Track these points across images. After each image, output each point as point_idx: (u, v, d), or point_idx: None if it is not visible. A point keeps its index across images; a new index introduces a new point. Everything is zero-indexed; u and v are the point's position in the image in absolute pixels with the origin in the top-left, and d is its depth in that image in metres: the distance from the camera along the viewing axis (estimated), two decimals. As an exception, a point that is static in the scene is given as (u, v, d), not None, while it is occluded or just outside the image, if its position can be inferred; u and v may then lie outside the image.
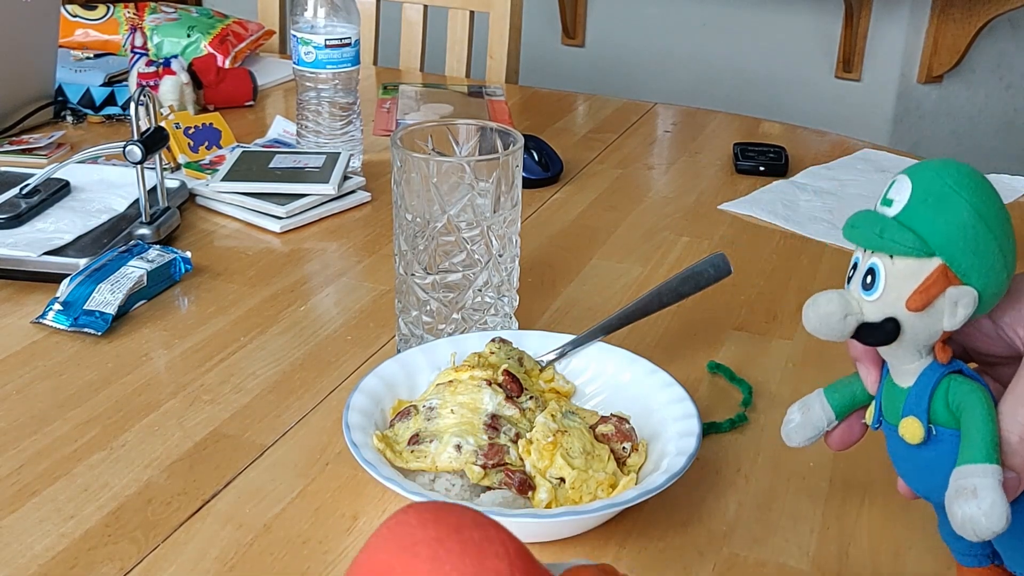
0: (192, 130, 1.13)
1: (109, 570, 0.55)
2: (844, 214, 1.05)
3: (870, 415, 0.51)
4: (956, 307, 0.44)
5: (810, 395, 0.54)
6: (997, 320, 0.48)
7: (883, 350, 0.47)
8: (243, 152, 1.08)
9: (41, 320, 0.79)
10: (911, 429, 0.46)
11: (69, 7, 1.51)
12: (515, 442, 0.59)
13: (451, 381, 0.63)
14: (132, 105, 0.91)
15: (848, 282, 0.47)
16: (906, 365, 0.47)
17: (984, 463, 0.42)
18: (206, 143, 1.13)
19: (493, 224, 0.70)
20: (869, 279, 0.45)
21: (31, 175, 0.98)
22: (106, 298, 0.79)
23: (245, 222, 1.00)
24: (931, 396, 0.46)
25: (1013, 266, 0.45)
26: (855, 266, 0.47)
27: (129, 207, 0.96)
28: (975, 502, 0.42)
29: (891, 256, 0.44)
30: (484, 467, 0.57)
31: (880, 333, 0.45)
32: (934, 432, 0.46)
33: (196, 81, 1.30)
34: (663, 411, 0.63)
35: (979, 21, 2.35)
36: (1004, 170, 1.19)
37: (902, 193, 0.45)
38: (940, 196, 0.44)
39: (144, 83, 1.23)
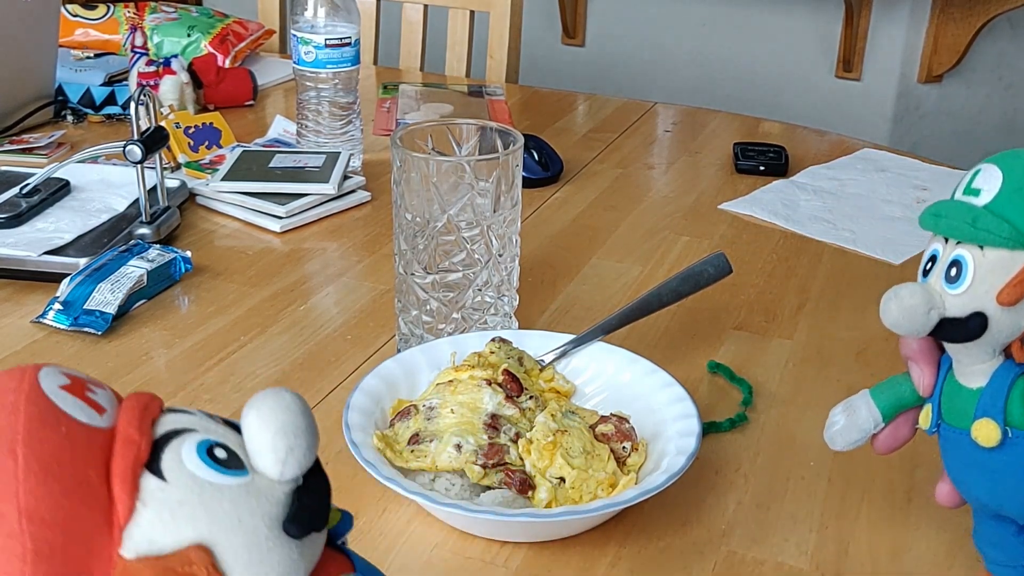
0: (192, 130, 1.13)
1: (109, 569, 0.55)
2: (844, 214, 1.05)
3: (926, 419, 0.48)
4: None
5: (854, 397, 0.52)
6: None
7: (953, 348, 0.45)
8: (243, 152, 1.08)
9: (41, 320, 0.79)
10: (986, 431, 0.44)
11: (69, 7, 1.51)
12: (515, 442, 0.59)
13: (451, 381, 0.63)
14: (132, 105, 0.91)
15: (924, 275, 0.45)
16: (977, 364, 0.45)
17: None
18: (206, 143, 1.13)
19: (493, 224, 0.70)
20: (954, 272, 0.43)
21: (31, 175, 0.98)
22: (106, 298, 0.79)
23: (245, 222, 1.00)
24: (1008, 397, 0.44)
25: None
26: (933, 259, 0.45)
27: (129, 207, 0.96)
28: None
29: (981, 247, 0.42)
30: (484, 467, 0.57)
31: (965, 329, 0.43)
32: (1010, 434, 0.44)
33: (196, 81, 1.30)
34: (663, 411, 0.63)
35: (979, 21, 2.35)
36: (1004, 170, 1.19)
37: (992, 182, 0.43)
38: None
39: (144, 83, 1.23)
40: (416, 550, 0.57)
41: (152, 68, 1.25)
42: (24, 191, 0.95)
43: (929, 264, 0.45)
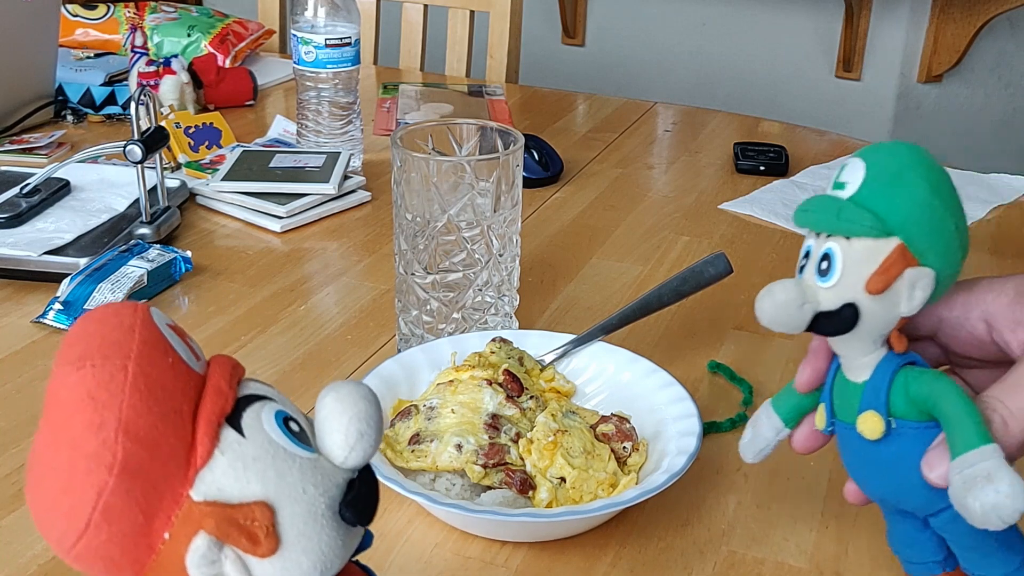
0: (192, 129, 1.13)
1: (110, 569, 0.55)
2: (844, 214, 1.05)
3: (820, 419, 0.49)
4: (914, 289, 0.43)
5: (759, 409, 0.53)
6: (992, 323, 0.47)
7: (836, 343, 0.46)
8: (243, 152, 1.08)
9: (41, 319, 0.79)
10: (870, 424, 0.44)
11: (69, 6, 1.51)
12: (516, 442, 0.59)
13: (451, 381, 0.63)
14: (132, 104, 0.91)
15: (800, 272, 0.45)
16: (861, 358, 0.45)
17: (985, 444, 0.40)
18: (206, 142, 1.13)
19: (493, 224, 0.70)
20: (825, 265, 0.44)
21: (31, 174, 0.98)
22: (106, 297, 0.79)
23: (245, 221, 1.00)
24: (889, 388, 0.44)
25: (967, 248, 0.44)
26: (807, 255, 0.45)
27: (129, 207, 0.96)
28: (993, 487, 0.39)
29: (848, 238, 0.43)
30: (485, 467, 0.57)
31: (838, 320, 0.43)
32: (894, 425, 0.44)
33: (196, 80, 1.30)
34: (663, 411, 0.63)
35: (979, 21, 2.35)
36: (1004, 170, 1.19)
37: (855, 174, 0.44)
38: (895, 174, 0.43)
39: (144, 82, 1.23)
40: (416, 550, 0.57)
41: (152, 68, 1.25)
42: (24, 191, 0.95)
43: (804, 260, 0.46)
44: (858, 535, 0.59)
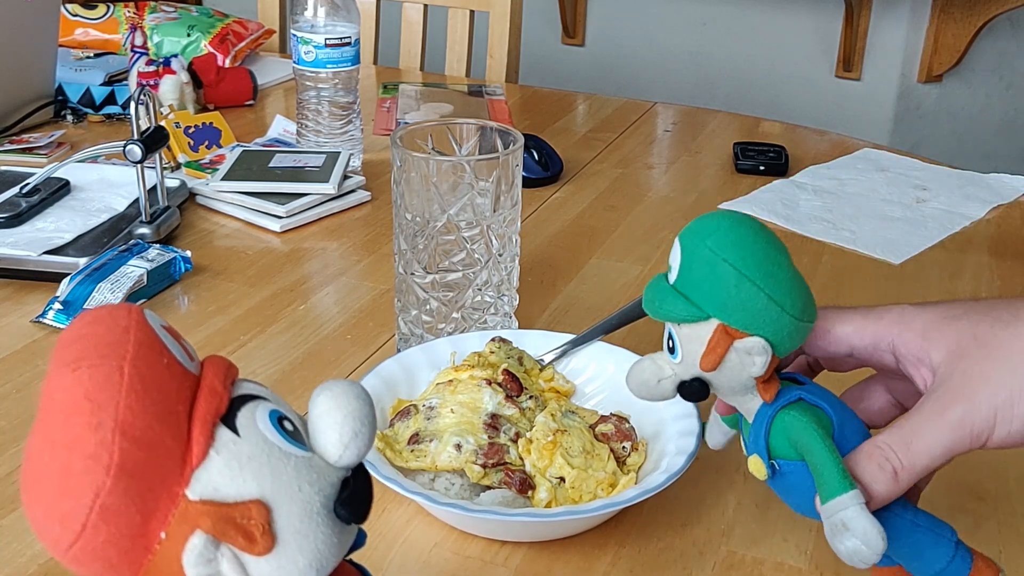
0: (192, 129, 1.13)
1: (109, 569, 0.55)
2: (844, 214, 1.05)
3: (761, 471, 0.50)
4: (751, 356, 0.45)
5: (712, 414, 0.55)
6: (899, 356, 0.48)
7: (721, 395, 0.48)
8: (243, 151, 1.08)
9: (41, 319, 0.79)
10: (756, 466, 0.47)
11: (69, 6, 1.51)
12: (515, 441, 0.59)
13: (451, 380, 0.63)
14: (132, 104, 0.91)
15: (663, 343, 0.48)
16: (745, 405, 0.48)
17: (841, 495, 0.43)
18: (206, 142, 1.13)
19: (493, 223, 0.70)
20: (671, 343, 0.47)
21: (31, 174, 0.98)
22: (106, 297, 0.79)
23: (245, 221, 1.00)
24: (767, 435, 0.47)
25: (800, 304, 0.45)
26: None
27: (129, 206, 0.96)
28: (849, 534, 0.42)
29: (675, 323, 0.46)
30: (484, 466, 0.57)
31: (693, 391, 0.47)
32: (777, 467, 0.47)
33: (196, 80, 1.30)
34: (663, 410, 0.63)
35: (979, 20, 2.35)
36: (1004, 170, 1.19)
37: (675, 259, 0.46)
38: (703, 260, 0.44)
39: (144, 82, 1.23)
40: (416, 550, 0.57)
41: (152, 68, 1.25)
42: (24, 191, 0.95)
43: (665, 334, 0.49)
44: (858, 535, 0.59)
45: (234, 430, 0.33)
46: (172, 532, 0.31)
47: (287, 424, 0.34)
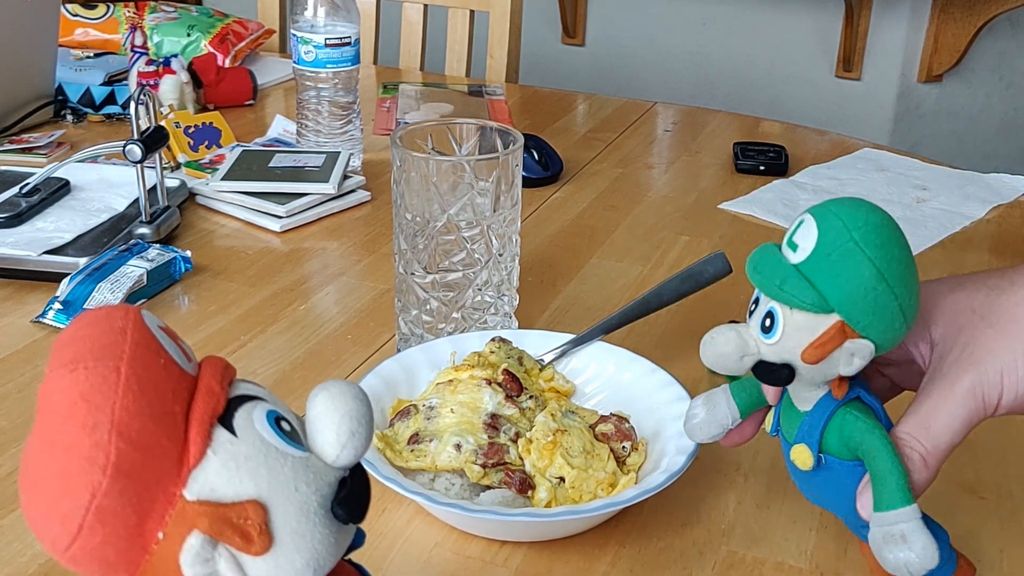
0: (192, 129, 1.13)
1: (109, 569, 0.55)
2: (844, 213, 1.05)
3: (769, 421, 0.51)
4: (852, 358, 0.44)
5: (715, 390, 0.53)
6: None
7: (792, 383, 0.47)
8: (243, 151, 1.08)
9: (41, 319, 0.79)
10: (802, 457, 0.47)
11: (69, 6, 1.51)
12: (515, 441, 0.59)
13: (451, 380, 0.63)
14: (132, 104, 0.91)
15: (749, 316, 0.46)
16: (804, 392, 0.47)
17: (904, 507, 0.43)
18: (206, 142, 1.13)
19: (493, 223, 0.70)
20: (768, 322, 0.45)
21: (31, 174, 0.98)
22: (106, 297, 0.79)
23: (245, 221, 1.00)
24: (824, 428, 0.46)
25: (914, 314, 0.44)
26: (756, 301, 0.46)
27: (129, 206, 0.96)
28: (906, 547, 0.43)
29: (790, 307, 0.44)
30: (484, 466, 0.57)
31: (775, 375, 0.45)
32: (824, 461, 0.47)
33: (196, 80, 1.30)
34: (663, 410, 0.63)
35: (979, 20, 2.35)
36: (1004, 170, 1.19)
37: (808, 240, 0.44)
38: (844, 252, 0.43)
39: (144, 82, 1.23)
40: (416, 550, 0.57)
41: (152, 68, 1.25)
42: (24, 191, 0.95)
43: (753, 307, 0.47)
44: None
45: (231, 430, 0.33)
46: (169, 532, 0.31)
47: (284, 424, 0.34)
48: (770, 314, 0.45)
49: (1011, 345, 0.45)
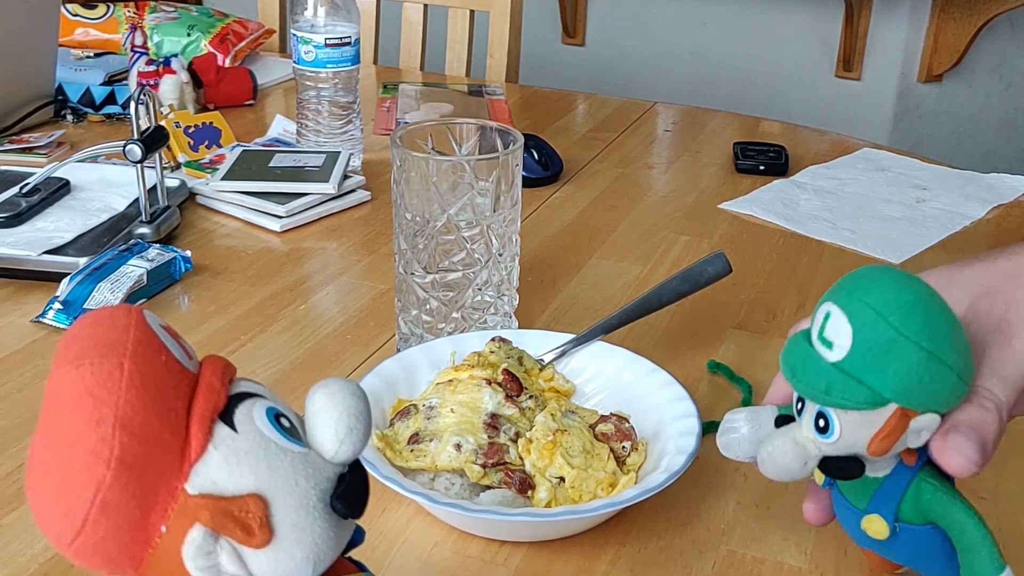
0: (192, 129, 1.13)
1: (109, 569, 0.55)
2: (844, 213, 1.05)
3: (819, 476, 0.48)
4: (920, 433, 0.42)
5: (762, 408, 0.50)
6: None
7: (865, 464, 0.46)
8: (243, 151, 1.08)
9: (41, 319, 0.79)
10: (876, 527, 0.45)
11: (69, 6, 1.51)
12: (515, 441, 0.59)
13: (451, 380, 0.63)
14: (132, 104, 0.91)
15: (798, 415, 0.44)
16: (875, 463, 0.45)
17: (1000, 573, 0.42)
18: (206, 142, 1.13)
19: (493, 223, 0.70)
20: (822, 423, 0.43)
21: (31, 174, 0.98)
22: (106, 297, 0.79)
23: (245, 221, 1.00)
24: (902, 496, 0.45)
25: (971, 373, 0.43)
26: (801, 400, 0.44)
27: (129, 206, 0.96)
28: None
29: (843, 409, 0.42)
30: (484, 466, 0.57)
31: (846, 472, 0.44)
32: (898, 529, 0.45)
33: (196, 80, 1.30)
34: (663, 410, 0.63)
35: (979, 20, 2.35)
36: (1004, 170, 1.19)
37: (842, 337, 0.41)
38: (887, 343, 0.40)
39: (144, 82, 1.23)
40: (416, 549, 0.57)
41: (152, 67, 1.25)
42: (24, 190, 0.95)
43: (799, 403, 0.44)
44: (857, 535, 0.59)
45: (232, 426, 0.33)
46: (172, 526, 0.32)
47: (284, 421, 0.35)
48: (822, 415, 0.42)
49: None
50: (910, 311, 0.40)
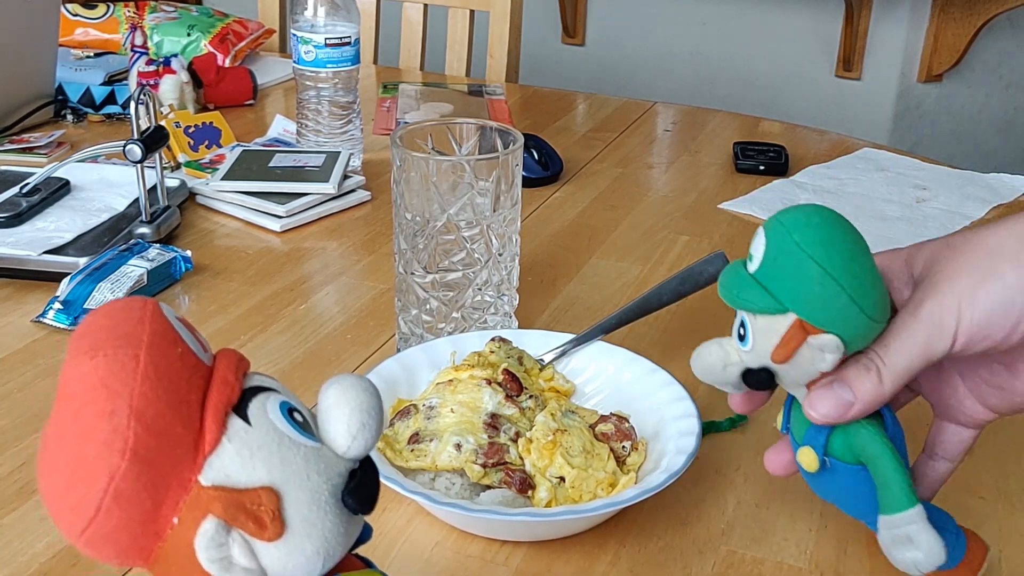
0: (192, 129, 1.13)
1: (110, 568, 0.55)
2: (844, 213, 1.04)
3: (780, 419, 0.52)
4: (822, 353, 0.45)
5: (730, 340, 0.52)
6: (889, 280, 0.50)
7: (784, 385, 0.49)
8: (243, 151, 1.08)
9: (41, 319, 0.79)
10: (807, 459, 0.49)
11: (69, 6, 1.51)
12: (515, 441, 0.59)
13: (451, 380, 0.63)
14: (132, 104, 0.91)
15: (732, 329, 0.49)
16: (803, 399, 0.48)
17: (908, 509, 0.46)
18: (206, 142, 1.13)
19: (493, 223, 0.70)
20: (742, 331, 0.47)
21: (31, 174, 0.98)
22: (106, 297, 0.79)
23: (245, 221, 1.00)
24: (829, 434, 0.48)
25: (878, 305, 0.45)
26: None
27: (129, 206, 0.96)
28: (913, 547, 0.46)
29: (752, 313, 0.46)
30: (484, 466, 0.58)
31: (759, 379, 0.48)
32: (828, 464, 0.49)
33: (196, 80, 1.30)
34: (663, 410, 0.63)
35: (979, 20, 2.35)
36: (1004, 170, 1.19)
37: (758, 249, 0.46)
38: (788, 254, 0.45)
39: (144, 82, 1.23)
40: (416, 549, 0.57)
41: (152, 67, 1.25)
42: (24, 190, 0.95)
43: (736, 319, 0.49)
44: (858, 535, 0.59)
45: (245, 419, 0.34)
46: (184, 518, 0.32)
47: (297, 415, 0.35)
48: (742, 323, 0.47)
49: (971, 272, 0.45)
50: (813, 231, 0.45)
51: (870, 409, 0.47)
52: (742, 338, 0.47)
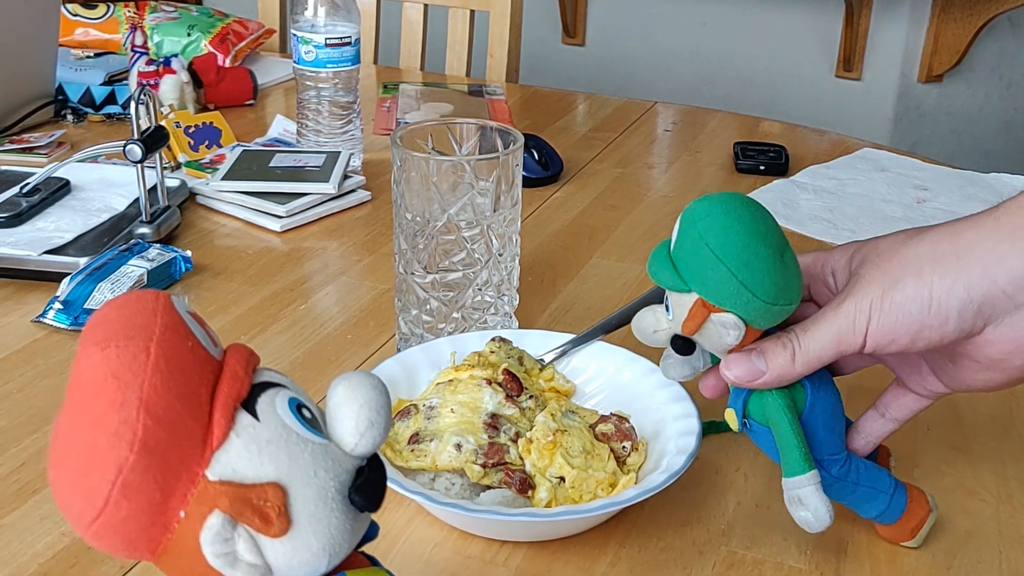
0: (192, 129, 1.13)
1: (110, 568, 0.55)
2: (844, 213, 1.05)
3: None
4: (725, 329, 0.50)
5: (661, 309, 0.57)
6: (835, 274, 0.54)
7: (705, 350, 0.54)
8: (243, 151, 1.08)
9: (42, 319, 0.79)
10: (730, 419, 0.54)
11: (69, 6, 1.51)
12: (515, 441, 0.59)
13: (451, 380, 0.63)
14: (132, 104, 0.91)
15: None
16: None
17: (800, 475, 0.51)
18: (206, 142, 1.13)
19: (493, 223, 0.70)
20: (667, 303, 0.53)
21: (31, 174, 0.98)
22: (106, 297, 0.79)
23: (245, 221, 1.00)
24: (747, 397, 0.53)
25: (773, 290, 0.49)
26: None
27: (129, 206, 0.96)
28: (803, 508, 0.51)
29: (667, 289, 0.52)
30: (484, 466, 0.58)
31: (678, 346, 0.53)
32: (748, 425, 0.54)
33: (196, 80, 1.30)
34: (663, 410, 0.63)
35: (979, 20, 2.35)
36: (1004, 169, 1.19)
37: (675, 233, 0.52)
38: (691, 240, 0.50)
39: (144, 82, 1.23)
40: (416, 549, 0.57)
41: (152, 67, 1.25)
42: (24, 190, 0.95)
43: None
44: (858, 535, 0.59)
45: (254, 415, 0.34)
46: (191, 511, 0.32)
47: (305, 412, 0.35)
48: (666, 296, 0.53)
49: (882, 280, 0.49)
50: (713, 220, 0.50)
51: (779, 383, 0.51)
52: (667, 309, 0.52)
